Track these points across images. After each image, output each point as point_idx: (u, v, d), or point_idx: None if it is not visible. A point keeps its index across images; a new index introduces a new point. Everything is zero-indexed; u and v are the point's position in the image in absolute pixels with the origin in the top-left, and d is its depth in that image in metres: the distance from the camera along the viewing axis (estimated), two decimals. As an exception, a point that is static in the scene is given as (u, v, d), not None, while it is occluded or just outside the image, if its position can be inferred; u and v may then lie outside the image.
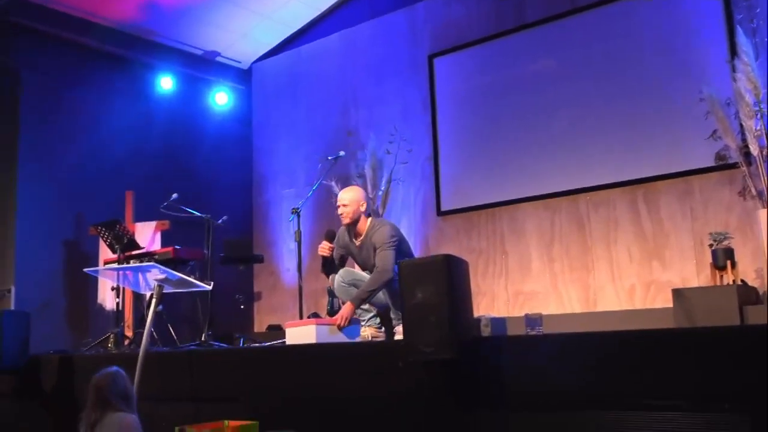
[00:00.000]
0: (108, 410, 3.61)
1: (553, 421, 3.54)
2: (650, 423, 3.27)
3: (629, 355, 3.39)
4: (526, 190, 7.44)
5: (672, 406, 3.22)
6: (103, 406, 3.63)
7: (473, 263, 7.35)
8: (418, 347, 3.72)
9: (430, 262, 3.83)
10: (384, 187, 7.96)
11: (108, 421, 3.59)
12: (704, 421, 3.14)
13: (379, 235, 5.19)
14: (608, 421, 3.38)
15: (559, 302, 7.09)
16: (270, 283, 9.48)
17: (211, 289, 5.46)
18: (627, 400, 3.34)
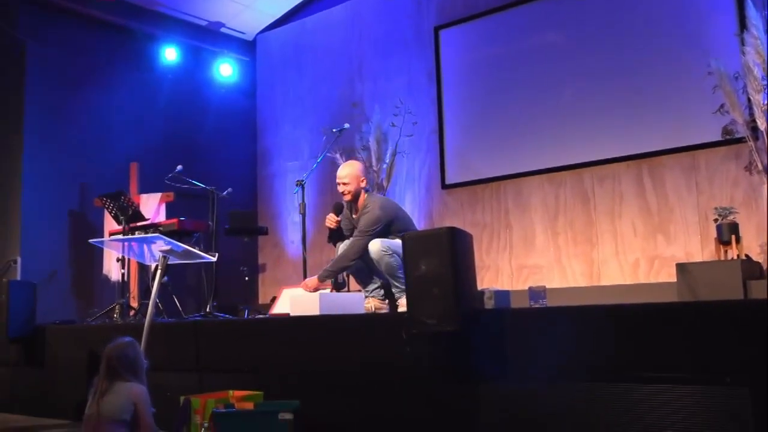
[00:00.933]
0: (116, 380, 3.65)
1: (556, 393, 3.57)
2: (651, 396, 3.29)
3: (632, 328, 3.41)
4: (531, 163, 7.43)
5: (673, 379, 3.24)
6: (112, 375, 3.66)
7: (477, 237, 7.36)
8: (422, 319, 3.74)
9: (434, 234, 3.83)
10: (388, 160, 7.94)
11: (116, 390, 3.63)
12: (705, 394, 3.16)
13: (365, 218, 5.25)
14: (610, 393, 3.40)
15: (562, 276, 7.11)
16: (274, 255, 9.51)
17: (215, 260, 5.47)
18: (629, 373, 3.37)
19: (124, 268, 7.09)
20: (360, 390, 4.24)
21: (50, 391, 6.14)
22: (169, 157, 7.59)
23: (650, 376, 3.30)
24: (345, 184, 5.35)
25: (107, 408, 3.57)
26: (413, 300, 3.81)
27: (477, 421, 3.81)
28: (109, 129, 8.32)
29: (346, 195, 5.36)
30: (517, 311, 3.93)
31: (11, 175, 7.80)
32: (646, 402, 3.30)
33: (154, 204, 7.70)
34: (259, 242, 9.66)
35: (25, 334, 6.26)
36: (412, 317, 3.80)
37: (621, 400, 3.37)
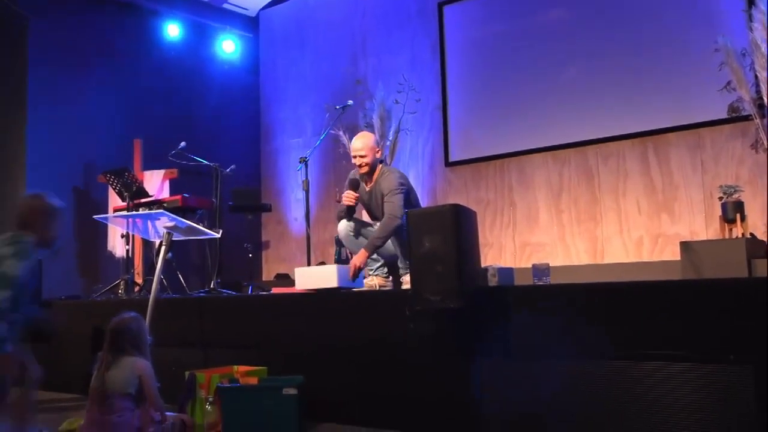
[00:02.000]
0: (120, 354, 3.66)
1: (558, 370, 3.58)
2: (655, 373, 3.30)
3: (635, 306, 3.41)
4: (535, 141, 7.40)
5: (677, 357, 3.25)
6: (115, 349, 3.68)
7: (481, 214, 7.36)
8: (426, 296, 3.74)
9: (438, 212, 3.82)
10: (392, 137, 7.92)
11: (120, 364, 3.64)
12: (708, 371, 3.16)
13: (387, 181, 5.15)
14: (613, 371, 3.41)
15: (566, 254, 7.11)
16: (278, 232, 9.52)
17: (219, 237, 5.48)
18: (632, 351, 3.37)
19: (129, 245, 7.11)
20: (363, 366, 4.26)
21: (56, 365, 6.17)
22: (172, 134, 7.58)
23: (654, 354, 3.31)
24: (362, 157, 5.23)
25: (112, 381, 3.59)
26: (417, 277, 3.81)
27: (480, 398, 3.82)
28: (113, 106, 8.30)
29: (363, 167, 5.25)
30: (521, 288, 3.93)
31: (15, 152, 7.80)
32: (649, 379, 3.31)
33: (158, 180, 7.70)
34: (263, 219, 9.67)
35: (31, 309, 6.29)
36: (416, 294, 3.81)
37: (624, 378, 3.38)
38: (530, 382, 3.66)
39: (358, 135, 5.39)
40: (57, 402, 5.56)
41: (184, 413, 4.22)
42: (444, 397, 3.94)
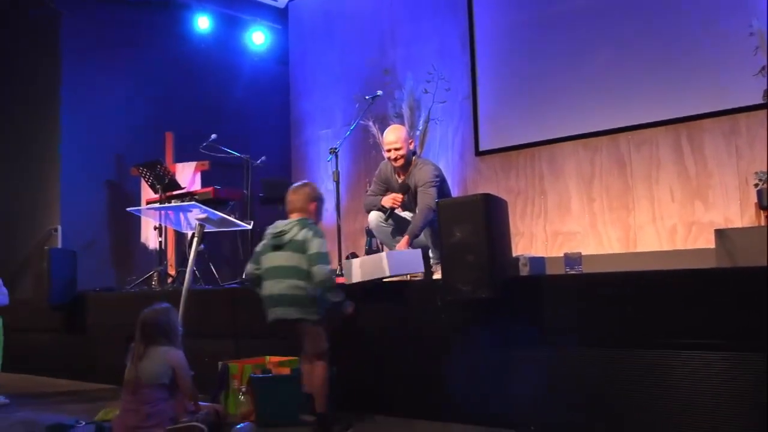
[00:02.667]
0: (152, 344, 3.71)
1: (592, 359, 3.55)
2: (688, 362, 3.27)
3: (669, 295, 3.37)
4: (565, 129, 7.32)
5: (711, 346, 3.21)
6: (147, 340, 3.73)
7: (512, 203, 7.31)
8: (457, 286, 3.74)
9: (468, 201, 3.81)
10: (421, 126, 7.90)
11: (153, 354, 3.69)
12: (742, 360, 3.13)
13: (422, 173, 5.14)
14: (647, 359, 3.38)
15: (598, 242, 7.03)
16: (308, 223, 9.55)
17: (251, 228, 5.51)
18: (666, 339, 3.34)
19: (162, 237, 7.19)
20: (394, 356, 4.27)
21: (92, 356, 6.28)
22: (203, 126, 7.63)
23: (688, 343, 3.27)
24: (397, 149, 5.19)
25: (145, 372, 3.64)
26: (448, 267, 3.81)
27: (512, 387, 3.81)
28: (144, 99, 8.38)
29: (399, 160, 5.21)
30: (553, 278, 3.91)
31: (50, 145, 7.92)
32: (683, 368, 3.27)
33: (190, 173, 7.76)
34: (294, 210, 9.69)
35: (66, 301, 6.40)
36: (447, 284, 3.80)
37: (657, 367, 3.35)
38: (563, 370, 3.64)
39: (389, 128, 5.35)
40: (92, 393, 5.65)
41: (217, 403, 4.26)
42: (475, 385, 3.94)
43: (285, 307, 3.76)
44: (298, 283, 3.76)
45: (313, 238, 3.80)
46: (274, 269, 3.83)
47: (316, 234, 3.83)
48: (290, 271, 3.78)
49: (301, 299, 3.75)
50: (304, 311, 3.76)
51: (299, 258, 3.79)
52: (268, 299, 3.83)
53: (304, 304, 3.75)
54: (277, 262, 3.83)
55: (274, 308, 3.81)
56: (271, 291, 3.82)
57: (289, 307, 3.76)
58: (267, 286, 3.85)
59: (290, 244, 3.83)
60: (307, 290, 3.75)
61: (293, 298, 3.76)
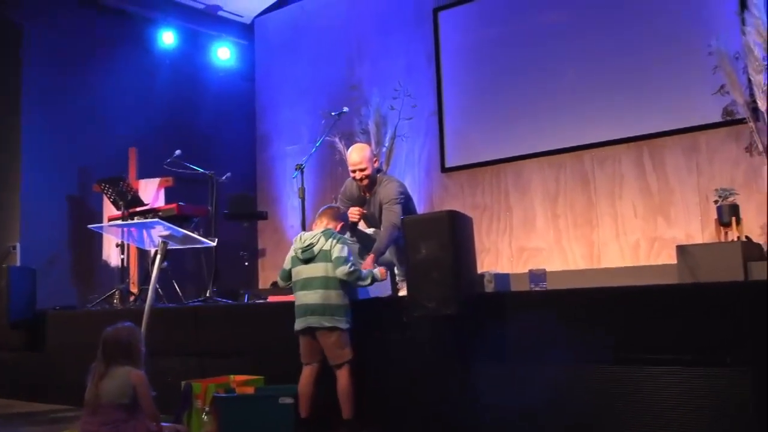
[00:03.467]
0: (114, 364, 3.64)
1: (556, 375, 3.57)
2: (653, 377, 3.30)
3: (632, 311, 3.41)
4: (531, 146, 7.40)
5: (674, 361, 3.25)
6: (109, 359, 3.66)
7: (477, 220, 7.34)
8: (422, 303, 3.74)
9: (434, 218, 3.83)
10: (388, 143, 7.91)
11: (114, 374, 3.63)
12: (705, 374, 3.16)
13: (387, 190, 5.14)
14: (611, 375, 3.41)
15: (563, 258, 7.10)
16: (274, 239, 9.50)
17: (215, 245, 5.47)
18: (630, 355, 3.37)
19: (124, 254, 7.10)
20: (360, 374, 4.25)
21: (52, 376, 6.16)
22: (167, 142, 7.57)
23: (651, 358, 3.31)
24: (362, 170, 5.14)
25: (106, 392, 3.57)
26: (414, 283, 3.82)
27: (477, 403, 3.81)
28: (108, 113, 8.28)
29: (364, 180, 5.19)
30: (517, 294, 3.93)
31: (10, 160, 7.78)
32: (647, 384, 3.31)
33: (153, 189, 7.68)
34: (259, 227, 9.64)
35: (25, 319, 6.28)
36: (413, 301, 3.81)
37: (622, 383, 3.38)
38: (527, 387, 3.66)
39: (353, 148, 5.32)
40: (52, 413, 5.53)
41: (180, 423, 4.20)
42: (441, 403, 3.93)
43: (318, 315, 4.06)
44: (329, 293, 4.08)
45: (336, 245, 4.14)
46: (306, 281, 4.15)
47: (339, 241, 4.18)
48: (321, 281, 4.10)
49: (332, 308, 4.06)
50: (335, 320, 4.05)
51: (329, 267, 4.11)
52: (303, 308, 4.13)
53: (335, 313, 4.06)
54: (309, 273, 4.16)
55: (306, 317, 4.10)
56: (304, 300, 4.13)
57: (321, 315, 4.06)
58: (300, 296, 4.17)
59: (320, 255, 4.15)
60: (338, 298, 4.08)
61: (325, 307, 4.06)
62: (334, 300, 4.07)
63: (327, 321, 4.04)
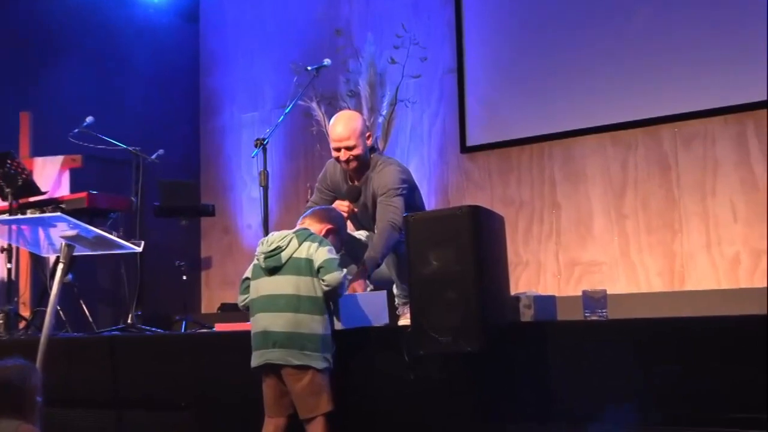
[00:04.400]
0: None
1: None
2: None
3: (730, 352, 3.40)
4: (587, 118, 7.41)
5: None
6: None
7: (511, 220, 7.37)
8: (431, 335, 3.74)
9: (450, 216, 3.82)
10: (386, 111, 7.91)
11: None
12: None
13: (383, 177, 5.12)
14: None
15: (631, 276, 7.10)
16: (224, 244, 9.50)
17: (140, 251, 5.46)
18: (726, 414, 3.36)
19: (11, 263, 7.08)
20: (345, 430, 4.26)
21: None
22: (75, 106, 7.55)
23: (756, 419, 3.30)
24: (349, 148, 5.10)
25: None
26: (419, 308, 3.81)
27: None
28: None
29: (352, 162, 5.16)
30: (566, 325, 3.93)
31: None
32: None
33: (54, 171, 7.67)
34: (203, 227, 9.65)
35: None
36: (418, 332, 3.81)
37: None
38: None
39: (338, 117, 5.29)
40: None
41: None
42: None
43: (283, 349, 3.95)
44: (300, 318, 3.97)
45: (319, 247, 4.06)
46: (268, 299, 4.04)
47: (321, 243, 4.09)
48: (289, 301, 3.98)
49: (304, 339, 3.95)
50: (306, 356, 3.94)
51: (304, 283, 4.01)
52: (260, 337, 4.03)
53: (307, 346, 3.95)
54: (273, 289, 4.04)
55: (265, 350, 3.99)
56: (264, 326, 4.01)
57: (287, 349, 3.94)
58: (258, 320, 4.05)
59: (290, 264, 4.04)
60: (313, 324, 3.98)
61: (293, 337, 3.94)
62: (306, 327, 3.96)
63: (295, 357, 3.93)
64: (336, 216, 4.53)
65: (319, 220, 4.35)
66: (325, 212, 4.47)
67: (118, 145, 6.92)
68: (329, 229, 4.32)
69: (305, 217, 4.40)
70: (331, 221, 4.38)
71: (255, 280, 4.15)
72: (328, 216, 4.43)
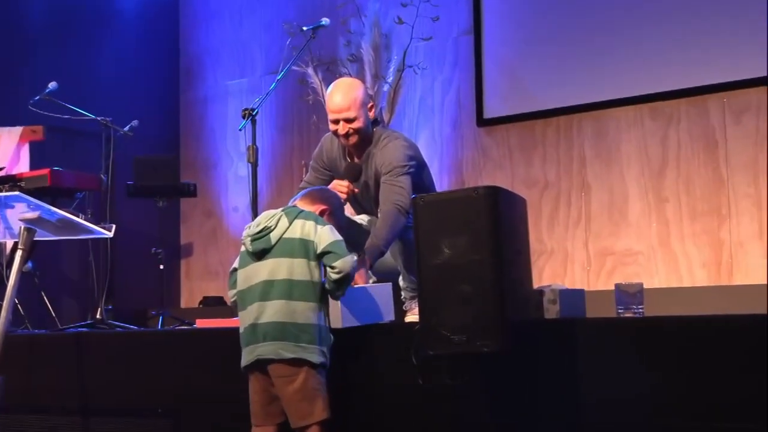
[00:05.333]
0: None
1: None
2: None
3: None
4: (623, 87, 7.40)
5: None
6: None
7: (535, 203, 7.37)
8: (443, 333, 3.74)
9: (464, 198, 3.82)
10: (392, 78, 7.91)
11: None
12: None
13: (387, 154, 5.11)
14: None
15: (672, 268, 7.10)
16: (207, 229, 9.52)
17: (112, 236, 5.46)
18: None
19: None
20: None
21: None
22: (36, 70, 7.54)
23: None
24: (349, 122, 5.07)
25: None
26: (430, 303, 3.81)
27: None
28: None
29: (353, 136, 5.14)
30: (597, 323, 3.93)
31: None
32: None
33: (12, 144, 7.66)
34: (183, 208, 9.66)
35: None
36: (429, 331, 3.80)
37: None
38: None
39: (336, 85, 5.28)
40: None
41: None
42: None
43: (274, 341, 3.91)
44: (294, 306, 3.94)
45: (317, 227, 4.04)
46: (258, 287, 4.02)
47: (318, 221, 4.08)
48: (281, 287, 3.96)
49: (298, 330, 3.92)
50: (301, 349, 3.91)
51: (298, 266, 3.98)
52: (250, 332, 4.00)
53: (301, 337, 3.92)
54: (263, 275, 4.02)
55: (255, 345, 3.96)
56: (253, 318, 3.98)
57: (280, 341, 3.91)
58: (247, 314, 4.02)
59: (281, 245, 4.02)
60: (309, 313, 3.95)
61: (286, 328, 3.92)
62: (301, 316, 3.93)
63: (288, 349, 3.89)
64: (332, 196, 4.52)
65: (312, 200, 4.31)
66: (318, 192, 4.46)
67: (86, 114, 6.92)
68: (323, 210, 4.28)
69: (296, 200, 4.37)
70: (326, 201, 4.35)
71: (243, 269, 4.12)
72: (322, 196, 4.41)
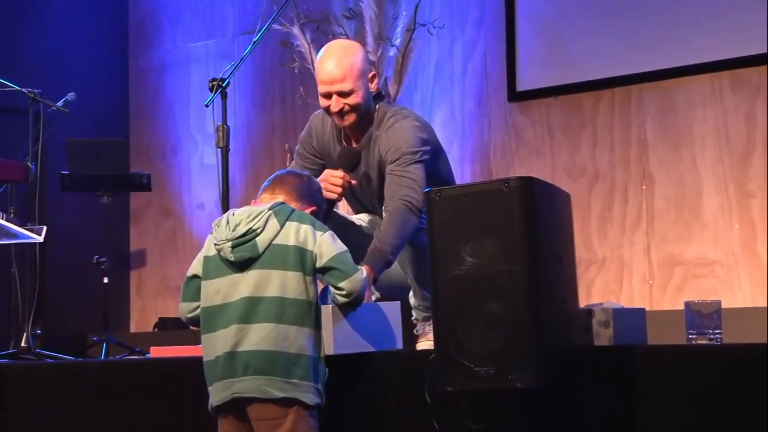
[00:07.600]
0: None
1: None
2: None
3: None
4: (695, 51, 7.43)
5: None
6: None
7: (582, 199, 7.39)
8: (465, 365, 3.76)
9: (492, 193, 3.83)
10: (400, 40, 7.93)
11: None
12: None
13: (395, 136, 5.12)
14: None
15: (758, 281, 7.10)
16: (164, 232, 9.55)
17: (41, 241, 5.50)
18: None
19: None
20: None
21: None
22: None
23: None
24: (345, 95, 5.09)
25: None
26: (448, 326, 3.83)
27: None
28: None
29: (349, 115, 5.15)
30: (661, 351, 3.96)
31: None
32: None
33: None
34: (133, 206, 9.69)
35: None
36: (446, 361, 3.83)
37: None
38: None
39: (328, 49, 5.28)
40: None
41: None
42: None
43: (259, 376, 3.88)
44: (287, 332, 3.93)
45: (316, 233, 4.05)
46: (236, 306, 3.97)
47: (315, 225, 4.09)
48: (272, 307, 3.93)
49: (291, 361, 3.91)
50: (293, 386, 3.89)
51: (291, 281, 3.98)
52: (223, 362, 3.95)
53: (293, 372, 3.90)
54: (243, 291, 3.98)
55: (230, 379, 3.92)
56: (228, 347, 3.94)
57: (267, 376, 3.88)
58: (217, 339, 3.98)
59: (270, 253, 4.00)
60: (301, 340, 3.93)
61: (275, 359, 3.90)
62: (294, 344, 3.91)
63: (276, 386, 3.86)
64: (315, 190, 4.52)
65: (297, 194, 4.28)
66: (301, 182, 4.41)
67: (8, 85, 6.95)
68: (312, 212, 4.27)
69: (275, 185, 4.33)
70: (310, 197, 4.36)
71: (212, 280, 4.07)
72: (305, 189, 4.38)
